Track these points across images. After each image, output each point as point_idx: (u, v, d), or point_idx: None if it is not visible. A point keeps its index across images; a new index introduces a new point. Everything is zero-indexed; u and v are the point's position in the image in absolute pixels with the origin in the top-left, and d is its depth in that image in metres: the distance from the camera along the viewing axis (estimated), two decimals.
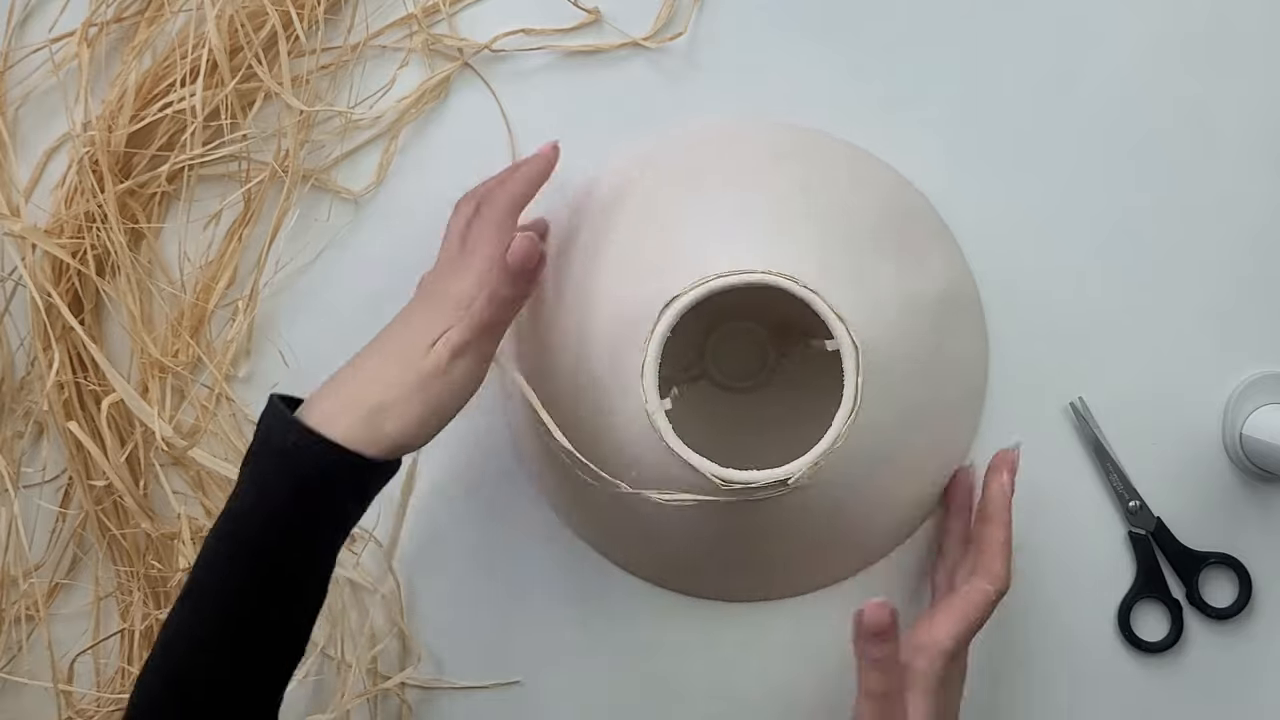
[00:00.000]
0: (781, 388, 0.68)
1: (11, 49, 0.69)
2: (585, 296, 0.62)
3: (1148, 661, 0.68)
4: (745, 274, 0.55)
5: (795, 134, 0.68)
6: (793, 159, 0.66)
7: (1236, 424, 0.66)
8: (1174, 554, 0.67)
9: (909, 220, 0.66)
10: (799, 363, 0.68)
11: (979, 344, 0.67)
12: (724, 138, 0.67)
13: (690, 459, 0.55)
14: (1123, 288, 0.67)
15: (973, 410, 0.67)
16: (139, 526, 0.67)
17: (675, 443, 0.55)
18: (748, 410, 0.68)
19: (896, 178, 0.67)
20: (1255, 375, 0.66)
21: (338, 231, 0.70)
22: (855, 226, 0.62)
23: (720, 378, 0.68)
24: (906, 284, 0.61)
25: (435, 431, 0.56)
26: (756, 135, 0.67)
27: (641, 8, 0.68)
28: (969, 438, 0.67)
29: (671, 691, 0.70)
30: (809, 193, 0.64)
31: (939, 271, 0.65)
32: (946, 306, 0.64)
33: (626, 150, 0.68)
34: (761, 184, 0.64)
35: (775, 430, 0.60)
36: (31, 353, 0.69)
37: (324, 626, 0.70)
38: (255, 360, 0.70)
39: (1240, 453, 0.66)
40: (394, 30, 0.69)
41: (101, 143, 0.66)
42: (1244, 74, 0.67)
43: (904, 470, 0.64)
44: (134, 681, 0.54)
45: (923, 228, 0.67)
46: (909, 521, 0.68)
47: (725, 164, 0.66)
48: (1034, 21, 0.67)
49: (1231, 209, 0.67)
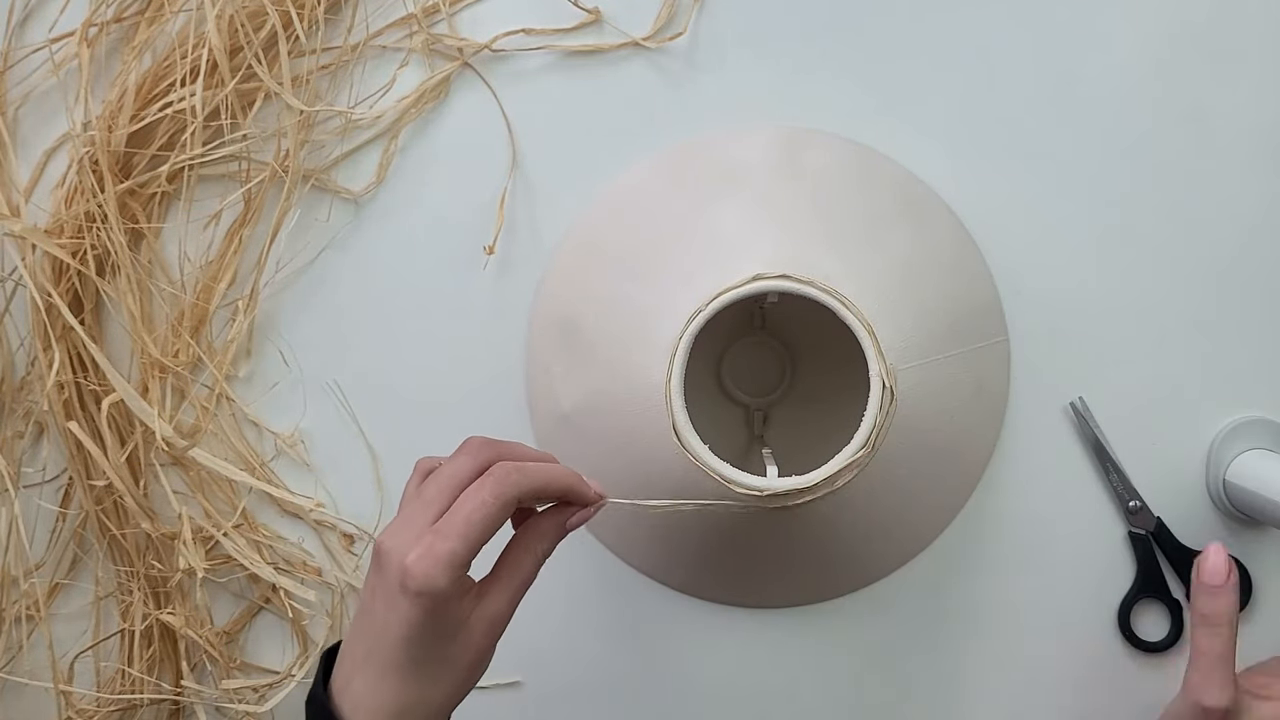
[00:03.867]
0: (797, 402, 0.68)
1: (11, 49, 0.69)
2: (607, 308, 0.62)
3: (1148, 661, 0.68)
4: (770, 281, 0.55)
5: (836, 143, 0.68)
6: (815, 169, 0.66)
7: (1220, 468, 0.66)
8: (1174, 554, 0.67)
9: (927, 220, 0.66)
10: (816, 376, 0.68)
11: (1001, 351, 0.67)
12: (739, 144, 0.67)
13: (721, 469, 0.54)
14: (1123, 288, 0.67)
15: (995, 415, 0.67)
16: (139, 526, 0.67)
17: (707, 455, 0.55)
18: (767, 424, 0.69)
19: (911, 177, 0.67)
20: (1239, 420, 0.67)
21: (338, 231, 0.70)
22: (885, 252, 0.62)
23: (738, 393, 0.68)
24: (933, 298, 0.62)
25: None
26: (774, 142, 0.67)
27: (641, 8, 0.68)
28: (992, 441, 0.67)
29: (672, 692, 0.70)
30: (830, 205, 0.64)
31: (964, 284, 0.65)
32: (969, 317, 0.64)
33: (642, 161, 0.68)
34: (780, 193, 0.64)
35: (793, 443, 0.60)
36: (31, 353, 0.69)
37: (324, 627, 0.70)
38: (255, 360, 0.70)
39: (1224, 499, 0.66)
40: (394, 30, 0.69)
41: (101, 143, 0.66)
42: (1244, 74, 0.67)
43: (922, 481, 0.64)
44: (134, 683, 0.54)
45: (946, 240, 0.67)
46: (924, 534, 0.68)
47: (742, 173, 0.66)
48: (1034, 21, 0.67)
49: (1232, 209, 0.67)
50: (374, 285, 0.70)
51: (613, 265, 0.64)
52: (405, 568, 0.49)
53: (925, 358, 0.60)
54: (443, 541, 0.49)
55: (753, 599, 0.69)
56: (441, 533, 0.49)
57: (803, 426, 0.68)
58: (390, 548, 0.50)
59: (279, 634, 0.71)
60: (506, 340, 0.69)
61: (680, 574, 0.69)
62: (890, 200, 0.65)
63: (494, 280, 0.69)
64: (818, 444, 0.57)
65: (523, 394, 0.69)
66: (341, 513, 0.70)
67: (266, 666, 0.71)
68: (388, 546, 0.50)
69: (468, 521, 0.50)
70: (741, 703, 0.69)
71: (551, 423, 0.67)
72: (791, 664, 0.69)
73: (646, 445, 0.58)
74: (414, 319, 0.69)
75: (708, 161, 0.67)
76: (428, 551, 0.49)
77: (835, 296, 0.55)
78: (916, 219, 0.65)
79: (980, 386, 0.65)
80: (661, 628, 0.70)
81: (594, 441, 0.63)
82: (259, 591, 0.70)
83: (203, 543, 0.68)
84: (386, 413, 0.70)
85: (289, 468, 0.70)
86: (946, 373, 0.62)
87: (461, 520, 0.50)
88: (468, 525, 0.49)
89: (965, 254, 0.67)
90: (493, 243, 0.68)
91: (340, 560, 0.70)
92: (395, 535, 0.51)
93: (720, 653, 0.69)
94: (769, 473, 0.56)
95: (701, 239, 0.62)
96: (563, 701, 0.70)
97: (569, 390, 0.64)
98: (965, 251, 0.67)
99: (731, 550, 0.65)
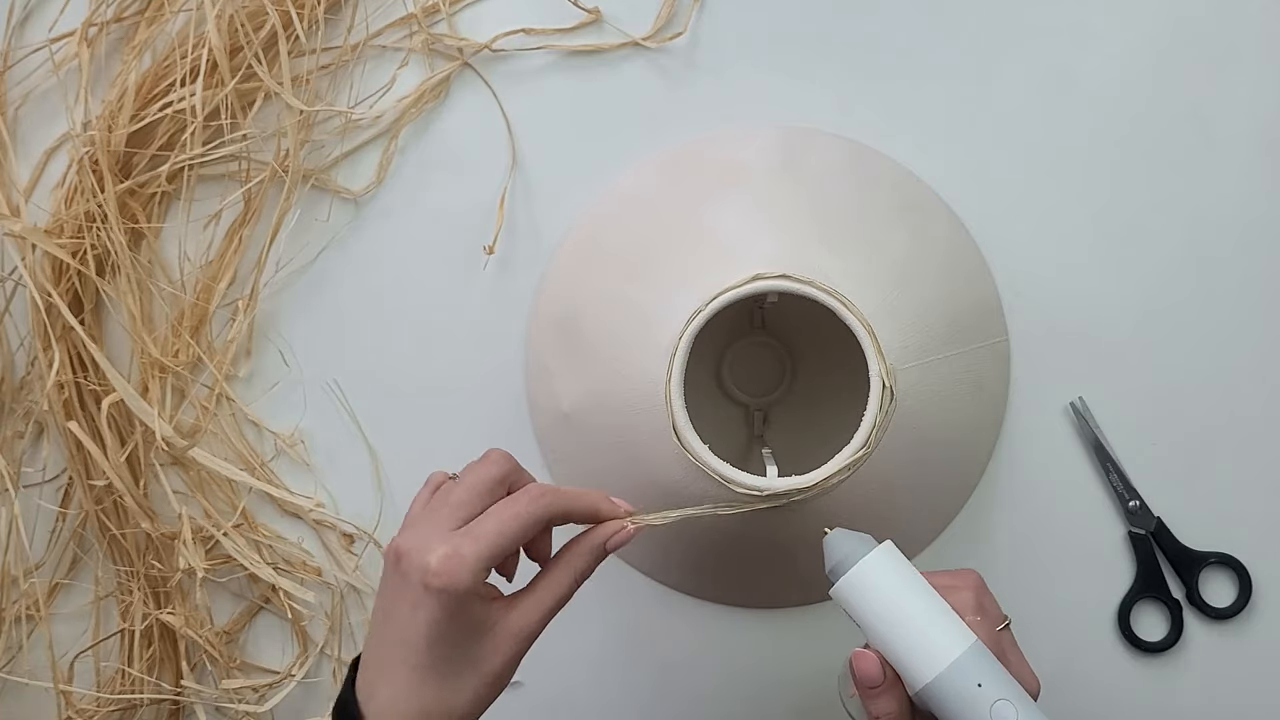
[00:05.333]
0: (798, 402, 0.68)
1: (11, 49, 0.69)
2: (607, 308, 0.62)
3: (1148, 661, 0.68)
4: (770, 281, 0.55)
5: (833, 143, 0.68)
6: (809, 170, 0.66)
7: None
8: (1174, 554, 0.67)
9: (925, 218, 0.66)
10: (816, 376, 0.68)
11: (1001, 350, 0.67)
12: (739, 145, 0.67)
13: (721, 469, 0.54)
14: (1123, 288, 0.67)
15: (995, 414, 0.67)
16: (139, 526, 0.67)
17: (707, 454, 0.55)
18: (767, 423, 0.69)
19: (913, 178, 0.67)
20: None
21: (338, 231, 0.70)
22: (882, 249, 0.62)
23: (738, 393, 0.68)
24: (933, 301, 0.61)
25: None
26: (773, 142, 0.67)
27: (641, 8, 0.68)
28: (991, 440, 0.67)
29: (672, 693, 0.70)
30: (825, 200, 0.64)
31: (963, 283, 0.65)
32: (971, 315, 0.64)
33: (642, 161, 0.68)
34: (779, 193, 0.64)
35: (793, 443, 0.60)
36: (31, 353, 0.69)
37: (324, 627, 0.70)
38: (255, 360, 0.70)
39: None
40: (394, 30, 0.69)
41: (101, 143, 0.66)
42: (1244, 73, 0.67)
43: (922, 481, 0.64)
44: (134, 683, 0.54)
45: (945, 237, 0.67)
46: (923, 535, 0.68)
47: (741, 173, 0.66)
48: (1035, 21, 0.67)
49: (1232, 208, 0.67)
50: (374, 285, 0.70)
51: (612, 265, 0.64)
52: (428, 566, 0.49)
53: (925, 357, 0.60)
54: (472, 543, 0.49)
55: (753, 599, 0.69)
56: (472, 534, 0.50)
57: (803, 427, 0.68)
58: (410, 548, 0.50)
59: (279, 634, 0.71)
60: (506, 340, 0.69)
61: (679, 574, 0.69)
62: (889, 200, 0.65)
63: (494, 280, 0.69)
64: (817, 444, 0.57)
65: (522, 393, 0.69)
66: (341, 513, 0.70)
67: (266, 666, 0.71)
68: (407, 547, 0.50)
69: (500, 529, 0.50)
70: (741, 702, 0.69)
71: (551, 421, 0.67)
72: (792, 664, 0.69)
73: (646, 444, 0.58)
74: (414, 319, 0.69)
75: (707, 162, 0.67)
76: (454, 551, 0.49)
77: (835, 296, 0.55)
78: (915, 219, 0.65)
79: (980, 385, 0.65)
80: (661, 628, 0.69)
81: (593, 440, 0.62)
82: (259, 591, 0.70)
83: (203, 543, 0.68)
84: (386, 413, 0.70)
85: (289, 468, 0.70)
86: (946, 372, 0.62)
87: (494, 526, 0.50)
88: (499, 533, 0.50)
89: (965, 253, 0.67)
90: (493, 242, 0.68)
91: (340, 560, 0.70)
92: (415, 537, 0.51)
93: (720, 652, 0.69)
94: (769, 472, 0.56)
95: (701, 239, 0.62)
96: (563, 702, 0.70)
97: (568, 389, 0.64)
98: (965, 251, 0.67)
99: (732, 550, 0.65)
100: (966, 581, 0.54)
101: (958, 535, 0.68)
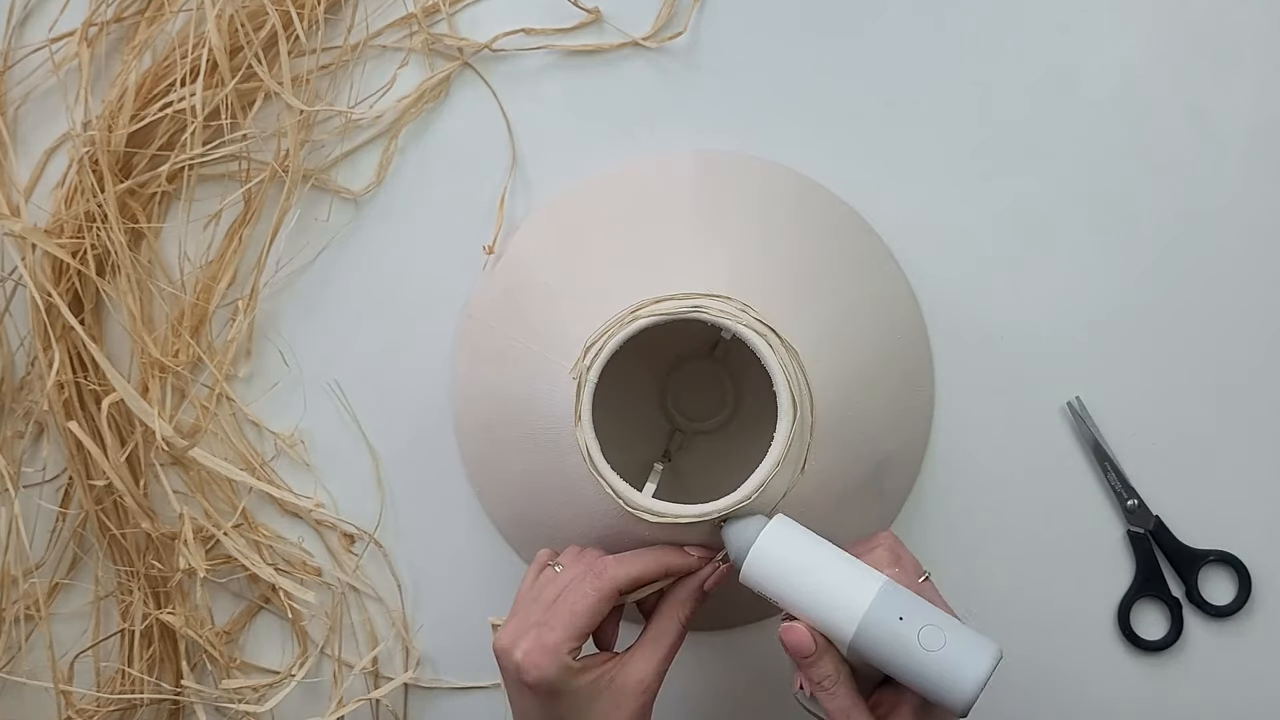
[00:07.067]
0: (744, 426, 0.68)
1: (11, 49, 0.69)
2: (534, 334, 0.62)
3: (1147, 660, 0.68)
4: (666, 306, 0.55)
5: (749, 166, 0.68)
6: (736, 191, 0.66)
7: None
8: (1173, 552, 0.67)
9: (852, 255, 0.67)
10: (762, 401, 0.68)
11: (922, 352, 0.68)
12: (667, 173, 0.67)
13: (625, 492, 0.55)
14: (1122, 288, 0.68)
15: (923, 420, 0.67)
16: (139, 526, 0.67)
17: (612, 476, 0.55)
18: (714, 451, 0.68)
19: (847, 210, 0.68)
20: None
21: (338, 231, 0.70)
22: (802, 259, 0.63)
23: (682, 420, 0.68)
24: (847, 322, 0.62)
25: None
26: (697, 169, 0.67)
27: (641, 8, 0.68)
28: (913, 473, 0.68)
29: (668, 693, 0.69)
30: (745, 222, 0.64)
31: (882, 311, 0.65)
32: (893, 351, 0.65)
33: (568, 187, 0.68)
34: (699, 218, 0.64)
35: (740, 469, 0.60)
36: (31, 353, 0.69)
37: (324, 627, 0.70)
38: (255, 360, 0.70)
39: None
40: (394, 30, 0.69)
41: (101, 142, 0.66)
42: (1244, 74, 0.67)
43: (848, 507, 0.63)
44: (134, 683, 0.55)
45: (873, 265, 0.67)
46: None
47: (661, 201, 0.66)
48: (1035, 21, 0.67)
49: (1232, 209, 0.67)
50: (374, 285, 0.70)
51: (538, 290, 0.64)
52: (518, 664, 0.54)
53: (846, 389, 0.60)
54: (548, 633, 0.54)
55: (701, 622, 0.68)
56: (548, 624, 0.54)
57: (733, 457, 0.66)
58: (503, 647, 0.55)
59: (279, 634, 0.71)
60: None
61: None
62: (819, 225, 0.66)
63: None
64: (740, 478, 0.56)
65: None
66: (341, 513, 0.70)
67: (266, 666, 0.71)
68: (501, 646, 0.55)
69: (572, 612, 0.54)
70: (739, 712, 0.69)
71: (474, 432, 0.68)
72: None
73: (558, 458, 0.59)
74: (414, 319, 0.70)
75: (634, 190, 0.67)
76: (535, 644, 0.54)
77: (724, 316, 0.54)
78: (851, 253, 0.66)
79: (906, 400, 0.65)
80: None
81: (534, 476, 0.63)
82: (259, 591, 0.70)
83: (203, 543, 0.68)
84: (386, 413, 0.70)
85: (289, 468, 0.70)
86: (877, 388, 0.62)
87: (566, 611, 0.54)
88: (572, 616, 0.54)
89: (889, 272, 0.67)
90: (493, 242, 0.68)
91: (340, 560, 0.70)
92: (506, 635, 0.55)
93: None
94: (646, 489, 0.58)
95: (619, 270, 0.61)
96: None
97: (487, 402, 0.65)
98: (888, 269, 0.67)
99: None
100: (881, 541, 0.56)
101: (958, 535, 0.68)
